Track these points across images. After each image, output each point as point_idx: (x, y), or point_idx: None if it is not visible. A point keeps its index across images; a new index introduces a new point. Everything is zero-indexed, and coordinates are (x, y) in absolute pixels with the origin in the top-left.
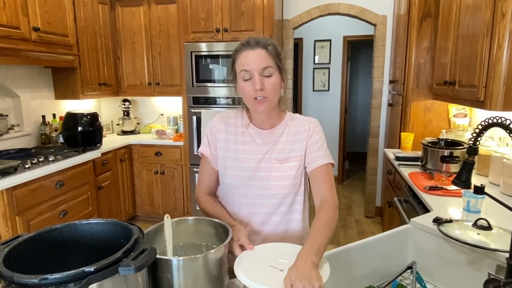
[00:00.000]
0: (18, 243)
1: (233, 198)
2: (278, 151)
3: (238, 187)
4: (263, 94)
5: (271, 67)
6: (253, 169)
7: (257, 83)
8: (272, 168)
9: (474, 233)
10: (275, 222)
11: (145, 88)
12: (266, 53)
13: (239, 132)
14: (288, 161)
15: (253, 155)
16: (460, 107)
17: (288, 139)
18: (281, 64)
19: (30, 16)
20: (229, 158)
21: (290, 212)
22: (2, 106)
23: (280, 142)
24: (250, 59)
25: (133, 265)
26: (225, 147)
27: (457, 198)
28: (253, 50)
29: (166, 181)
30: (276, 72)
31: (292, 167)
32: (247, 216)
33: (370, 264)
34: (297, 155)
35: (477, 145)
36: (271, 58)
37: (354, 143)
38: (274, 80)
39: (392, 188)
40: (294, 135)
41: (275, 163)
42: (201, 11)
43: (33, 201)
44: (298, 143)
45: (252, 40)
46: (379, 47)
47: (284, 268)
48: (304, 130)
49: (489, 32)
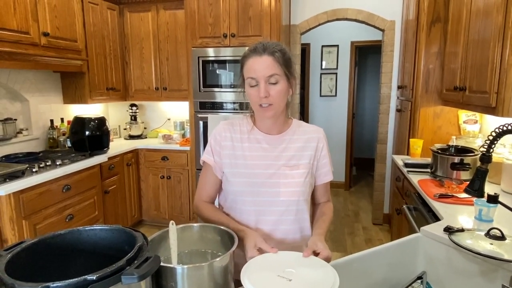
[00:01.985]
0: (20, 249)
1: (241, 206)
2: (288, 157)
3: (246, 194)
4: (268, 101)
5: (277, 74)
6: (262, 175)
7: (262, 90)
8: (281, 175)
9: (487, 243)
10: (284, 230)
11: (153, 92)
12: (272, 60)
13: (245, 138)
14: (297, 168)
15: (261, 161)
16: (470, 113)
17: (297, 145)
18: (290, 70)
19: (40, 21)
20: (237, 165)
21: (299, 220)
22: (11, 110)
23: (290, 149)
24: (257, 66)
25: (137, 274)
26: (231, 154)
27: (468, 207)
28: (259, 57)
29: (172, 186)
30: (283, 79)
31: (301, 174)
32: (255, 224)
33: (379, 274)
34: (306, 162)
35: (491, 153)
36: (277, 65)
37: (362, 149)
38: (279, 88)
39: (401, 195)
40: (303, 142)
41: (284, 170)
42: (208, 17)
43: (40, 205)
44: (307, 150)
45: (259, 46)
46: (387, 52)
47: (293, 277)
48: (314, 139)
49: (501, 37)
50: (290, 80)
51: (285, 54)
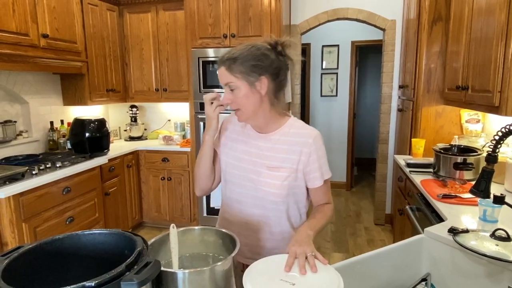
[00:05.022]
0: (18, 254)
1: (230, 194)
2: (271, 158)
3: (234, 185)
4: (234, 106)
5: (231, 82)
6: (247, 170)
7: (224, 98)
8: (261, 174)
9: (492, 244)
10: (267, 228)
11: (153, 94)
12: (225, 70)
13: (241, 132)
14: (278, 170)
15: (247, 156)
16: (472, 112)
17: (283, 147)
18: (251, 72)
19: (39, 23)
20: (230, 156)
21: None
22: (11, 112)
23: (275, 149)
24: (219, 77)
25: (136, 280)
26: (228, 144)
27: (472, 207)
28: (218, 68)
29: (173, 187)
30: (242, 84)
31: (280, 177)
32: (240, 213)
33: (383, 276)
34: (289, 166)
35: (497, 153)
36: (230, 74)
37: (363, 149)
38: (239, 93)
39: (403, 196)
40: (289, 145)
41: (264, 169)
42: (208, 17)
43: (40, 207)
44: (291, 154)
45: (220, 57)
46: (388, 52)
47: (296, 281)
48: (300, 144)
49: (504, 35)
50: (254, 82)
51: (236, 60)
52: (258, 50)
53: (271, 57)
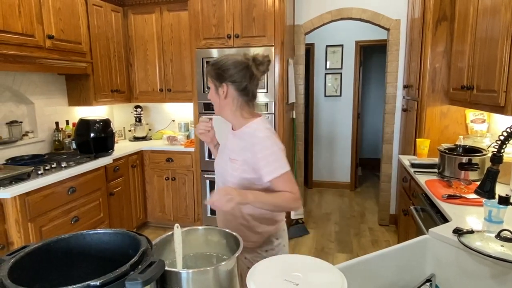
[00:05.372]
0: (24, 254)
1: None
2: (231, 151)
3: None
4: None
5: (209, 82)
6: (220, 160)
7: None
8: (227, 164)
9: (497, 245)
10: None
11: (157, 94)
12: (207, 74)
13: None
14: (234, 162)
15: (224, 149)
16: (478, 112)
17: (239, 143)
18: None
19: (44, 24)
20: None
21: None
22: (16, 112)
23: (234, 143)
24: None
25: (140, 279)
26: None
27: (477, 207)
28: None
29: (177, 187)
30: (212, 86)
31: (236, 169)
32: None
33: (387, 276)
34: (241, 159)
35: (502, 153)
36: (208, 77)
37: (367, 149)
38: (211, 92)
39: (408, 196)
40: (244, 142)
41: (228, 161)
42: (212, 18)
43: (45, 207)
44: (245, 150)
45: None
46: (392, 51)
47: (299, 281)
48: (251, 143)
49: (509, 35)
50: (218, 87)
51: (212, 65)
52: (227, 61)
53: (235, 70)
